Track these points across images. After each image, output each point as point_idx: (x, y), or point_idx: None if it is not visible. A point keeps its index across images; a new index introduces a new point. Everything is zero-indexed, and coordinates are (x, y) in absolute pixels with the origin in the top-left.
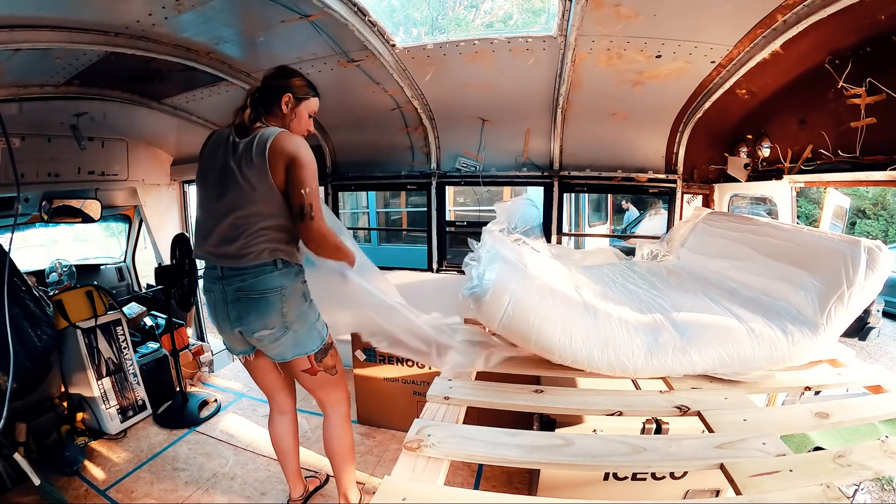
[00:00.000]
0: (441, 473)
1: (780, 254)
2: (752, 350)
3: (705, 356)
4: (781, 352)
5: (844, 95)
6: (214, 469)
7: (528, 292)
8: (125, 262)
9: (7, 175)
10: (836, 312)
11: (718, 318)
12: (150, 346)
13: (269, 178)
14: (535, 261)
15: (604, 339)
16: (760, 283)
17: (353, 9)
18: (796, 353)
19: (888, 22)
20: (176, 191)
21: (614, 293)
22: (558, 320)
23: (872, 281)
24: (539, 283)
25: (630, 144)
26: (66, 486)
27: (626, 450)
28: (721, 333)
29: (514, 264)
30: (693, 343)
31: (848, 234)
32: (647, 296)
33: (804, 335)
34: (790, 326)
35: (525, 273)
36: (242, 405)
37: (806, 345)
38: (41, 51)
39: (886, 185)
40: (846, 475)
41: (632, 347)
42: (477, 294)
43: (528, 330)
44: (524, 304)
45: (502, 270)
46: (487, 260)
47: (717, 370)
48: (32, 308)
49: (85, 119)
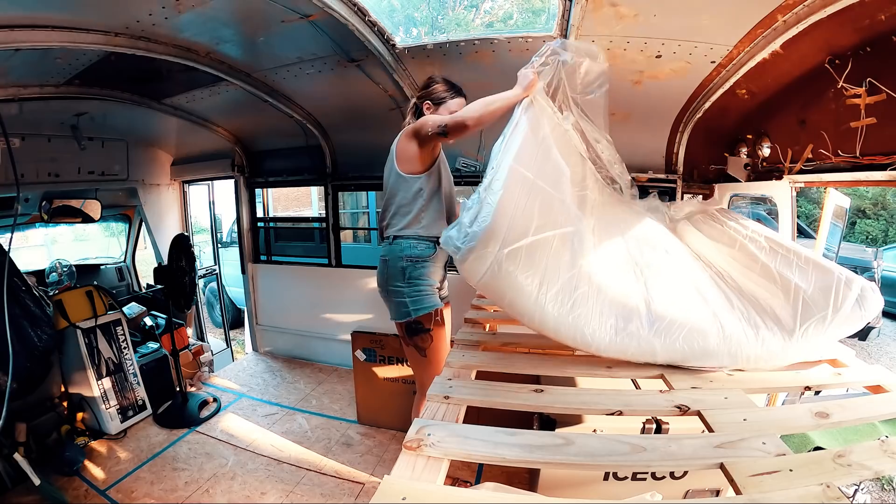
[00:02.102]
0: (441, 473)
1: (777, 261)
2: (718, 346)
3: (668, 348)
4: (747, 353)
5: (844, 95)
6: (214, 469)
7: (514, 256)
8: (125, 262)
9: (7, 175)
10: (813, 329)
11: (693, 310)
12: (150, 346)
13: (395, 167)
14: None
15: (575, 316)
16: (751, 278)
17: (353, 9)
18: (762, 355)
19: (888, 22)
20: (176, 191)
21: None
22: (535, 292)
23: (857, 316)
24: (529, 243)
25: (630, 144)
26: (66, 486)
27: (626, 449)
28: (691, 329)
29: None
30: (659, 335)
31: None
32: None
33: (775, 338)
34: (763, 328)
35: (519, 229)
36: (242, 405)
37: (774, 349)
38: (41, 51)
39: (886, 185)
40: (846, 475)
41: (600, 328)
42: (462, 248)
43: (503, 297)
44: (504, 269)
45: (494, 224)
46: (479, 210)
47: (677, 362)
48: (32, 308)
49: (85, 119)
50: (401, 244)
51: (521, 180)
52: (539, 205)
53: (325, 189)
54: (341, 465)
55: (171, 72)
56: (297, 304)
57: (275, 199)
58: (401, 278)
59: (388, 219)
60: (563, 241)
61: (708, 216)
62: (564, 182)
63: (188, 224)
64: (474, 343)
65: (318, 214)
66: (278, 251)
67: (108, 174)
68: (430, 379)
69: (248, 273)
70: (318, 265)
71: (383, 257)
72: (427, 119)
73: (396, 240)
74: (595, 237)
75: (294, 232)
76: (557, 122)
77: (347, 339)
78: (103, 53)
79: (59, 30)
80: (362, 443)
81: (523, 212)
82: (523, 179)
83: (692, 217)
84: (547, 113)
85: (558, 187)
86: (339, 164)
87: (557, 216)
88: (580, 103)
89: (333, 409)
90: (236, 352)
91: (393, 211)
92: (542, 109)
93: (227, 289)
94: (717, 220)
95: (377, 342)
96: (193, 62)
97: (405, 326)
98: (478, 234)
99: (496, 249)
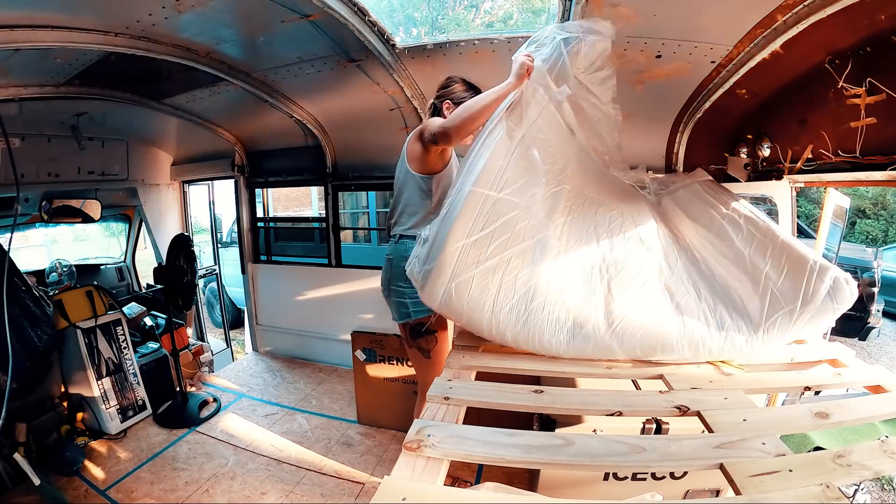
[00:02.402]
0: (441, 473)
1: (752, 248)
2: (678, 341)
3: (626, 346)
4: (709, 346)
5: (844, 95)
6: (214, 469)
7: (465, 285)
8: (125, 262)
9: (7, 175)
10: (780, 323)
11: (655, 307)
12: (150, 346)
13: (406, 165)
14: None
15: (531, 326)
16: (724, 265)
17: (353, 9)
18: (725, 348)
19: (888, 22)
20: (176, 191)
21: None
22: (488, 313)
23: (828, 309)
24: (481, 270)
25: (630, 144)
26: (66, 486)
27: (626, 450)
28: (651, 326)
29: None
30: (617, 335)
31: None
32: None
33: (739, 333)
34: (728, 321)
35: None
36: (242, 405)
37: (738, 343)
38: (41, 51)
39: (886, 185)
40: (846, 475)
41: (556, 334)
42: (419, 280)
43: (460, 319)
44: (457, 295)
45: (443, 259)
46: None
47: (637, 357)
48: (32, 308)
49: (85, 119)
50: (406, 244)
51: (479, 204)
52: (499, 224)
53: (325, 189)
54: (341, 465)
55: (171, 72)
56: (297, 304)
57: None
58: (403, 278)
59: (395, 217)
60: (522, 255)
61: (691, 192)
62: (537, 184)
63: (188, 224)
64: (474, 344)
65: (318, 214)
66: (278, 251)
67: (108, 174)
68: (432, 380)
69: (248, 273)
70: (318, 265)
71: (388, 256)
72: (429, 122)
73: (402, 239)
74: (563, 240)
75: (294, 232)
76: (549, 99)
77: (347, 339)
78: (103, 53)
79: (59, 30)
80: (362, 443)
81: (477, 238)
82: (483, 201)
83: (676, 193)
84: (536, 98)
85: (527, 192)
86: (339, 164)
87: (521, 229)
88: (583, 80)
89: (333, 409)
90: (236, 352)
91: (401, 209)
92: (529, 99)
93: (227, 289)
94: (699, 196)
95: (377, 342)
96: (193, 62)
97: (409, 328)
98: (429, 271)
99: (446, 282)
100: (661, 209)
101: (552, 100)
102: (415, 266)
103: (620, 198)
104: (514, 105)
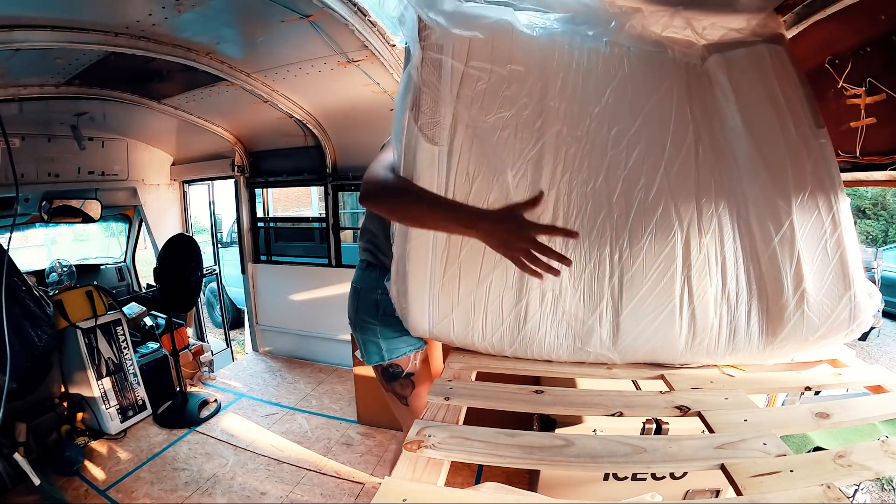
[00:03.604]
0: (441, 474)
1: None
2: (682, 353)
3: (627, 358)
4: (713, 358)
5: (844, 95)
6: (214, 469)
7: (447, 325)
8: (125, 262)
9: (7, 175)
10: (792, 342)
11: (666, 318)
12: (150, 346)
13: None
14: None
15: (528, 345)
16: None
17: (353, 9)
18: (726, 358)
19: (888, 22)
20: (176, 191)
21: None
22: (479, 341)
23: (842, 330)
24: (461, 308)
25: None
26: (66, 486)
27: (627, 450)
28: (657, 342)
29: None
30: (620, 351)
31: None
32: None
33: (749, 347)
34: (742, 333)
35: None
36: (242, 405)
37: (742, 356)
38: (41, 51)
39: (886, 185)
40: (846, 475)
41: (556, 349)
42: (401, 314)
43: (453, 345)
44: (442, 334)
45: (413, 307)
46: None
47: (637, 360)
48: (32, 308)
49: (85, 119)
50: (374, 273)
51: (429, 249)
52: (464, 254)
53: (325, 189)
54: (341, 465)
55: (171, 72)
56: (298, 304)
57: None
58: (374, 313)
59: (367, 239)
60: (502, 276)
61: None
62: (500, 171)
63: (188, 224)
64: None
65: (318, 214)
66: (278, 251)
67: (108, 174)
68: (411, 424)
69: (248, 273)
70: (318, 265)
71: (355, 286)
72: (378, 161)
73: (371, 266)
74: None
75: (294, 232)
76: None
77: (347, 339)
78: (103, 53)
79: (59, 30)
80: (362, 443)
81: (442, 283)
82: (434, 242)
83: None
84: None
85: (487, 194)
86: (339, 164)
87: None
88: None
89: (333, 409)
90: (236, 352)
91: (374, 231)
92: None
93: (227, 289)
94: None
95: None
96: (193, 62)
97: (381, 370)
98: (406, 320)
99: (426, 332)
100: (699, 86)
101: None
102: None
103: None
104: (416, 98)
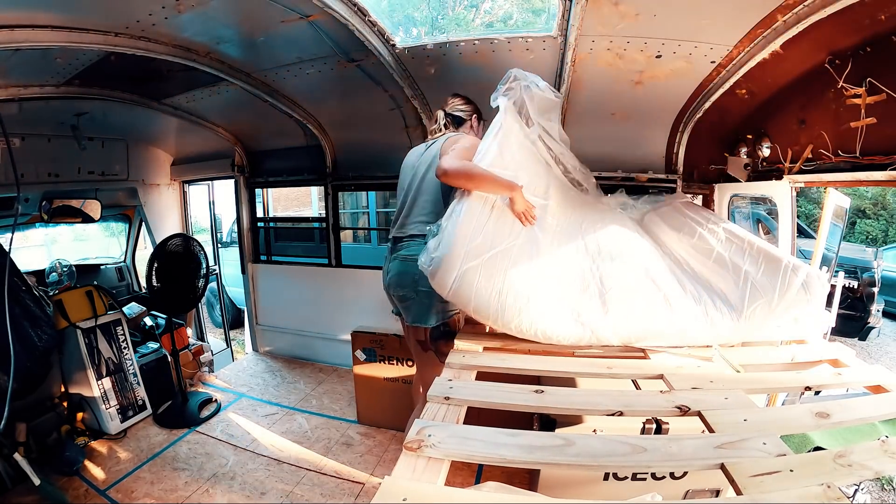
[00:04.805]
0: (441, 473)
1: (731, 250)
2: (667, 327)
3: (621, 331)
4: (695, 331)
5: (844, 95)
6: (214, 469)
7: (474, 271)
8: (125, 262)
9: (7, 175)
10: (760, 311)
11: (644, 297)
12: (150, 346)
13: (434, 174)
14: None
15: (532, 315)
16: (706, 265)
17: (353, 9)
18: (711, 333)
19: (888, 22)
20: (176, 191)
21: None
22: (494, 300)
23: (802, 300)
24: (488, 258)
25: (630, 144)
26: (66, 486)
27: (627, 450)
28: (642, 313)
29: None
30: (612, 321)
31: (799, 258)
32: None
33: (723, 319)
34: (712, 308)
35: (477, 248)
36: (242, 405)
37: (722, 328)
38: (41, 51)
39: (886, 185)
40: (846, 475)
41: (556, 322)
42: (430, 269)
43: (468, 305)
44: (466, 281)
45: (454, 248)
46: (442, 235)
47: (631, 342)
48: (32, 308)
49: (85, 119)
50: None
51: (481, 206)
52: (499, 223)
53: (325, 189)
54: (341, 465)
55: (171, 72)
56: (297, 304)
57: (275, 199)
58: None
59: (415, 216)
60: (521, 250)
61: (672, 209)
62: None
63: (188, 224)
64: (480, 331)
65: (318, 214)
66: (278, 251)
67: (108, 174)
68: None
69: (248, 273)
70: (318, 265)
71: (408, 257)
72: (450, 150)
73: (417, 238)
74: (554, 241)
75: (294, 232)
76: (525, 135)
77: (347, 339)
78: (103, 53)
79: (59, 30)
80: (362, 443)
81: (482, 232)
82: (484, 203)
83: (658, 210)
84: (514, 131)
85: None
86: (339, 164)
87: (518, 230)
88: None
89: (333, 409)
90: (236, 352)
91: (424, 209)
92: (510, 129)
93: (227, 289)
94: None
95: (377, 342)
96: (193, 62)
97: (434, 331)
98: (440, 259)
99: (457, 268)
100: (643, 224)
101: (527, 137)
102: (424, 259)
103: (603, 212)
104: (499, 133)
